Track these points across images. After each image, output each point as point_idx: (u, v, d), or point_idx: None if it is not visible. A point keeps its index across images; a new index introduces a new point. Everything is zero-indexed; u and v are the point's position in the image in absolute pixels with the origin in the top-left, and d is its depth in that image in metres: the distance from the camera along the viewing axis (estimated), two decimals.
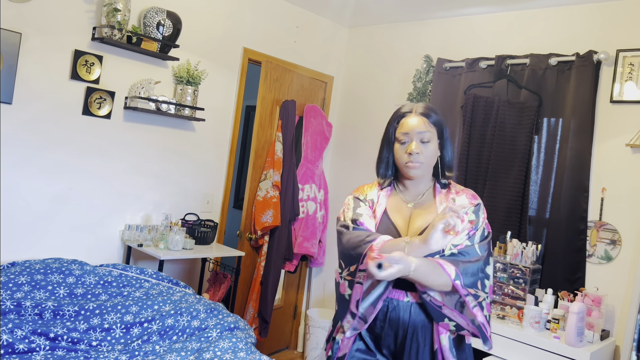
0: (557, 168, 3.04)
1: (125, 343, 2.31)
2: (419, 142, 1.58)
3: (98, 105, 2.90)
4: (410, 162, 1.58)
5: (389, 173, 1.69)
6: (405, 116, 1.61)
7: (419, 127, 1.58)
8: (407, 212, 1.64)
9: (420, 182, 1.66)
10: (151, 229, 3.13)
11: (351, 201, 1.69)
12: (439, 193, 1.65)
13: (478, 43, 3.51)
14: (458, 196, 1.62)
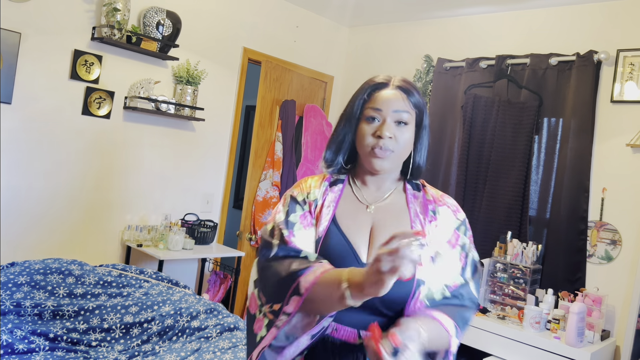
0: (557, 168, 3.04)
1: (125, 343, 2.31)
2: (393, 123, 1.13)
3: (98, 105, 2.89)
4: (379, 147, 1.12)
5: (339, 159, 1.22)
6: (379, 88, 1.16)
7: (397, 103, 1.14)
8: (366, 220, 1.16)
9: (386, 179, 1.20)
10: (151, 229, 3.12)
11: (287, 202, 1.19)
12: (411, 197, 1.21)
13: (478, 43, 3.51)
14: (440, 207, 1.20)
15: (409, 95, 1.16)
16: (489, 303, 2.97)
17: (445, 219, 1.20)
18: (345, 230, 1.14)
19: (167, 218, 3.19)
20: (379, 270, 0.84)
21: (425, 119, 1.20)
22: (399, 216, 1.18)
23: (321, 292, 0.99)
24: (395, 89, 1.16)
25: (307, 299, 1.00)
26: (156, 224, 3.22)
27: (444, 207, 1.21)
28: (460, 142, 3.37)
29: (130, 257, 3.10)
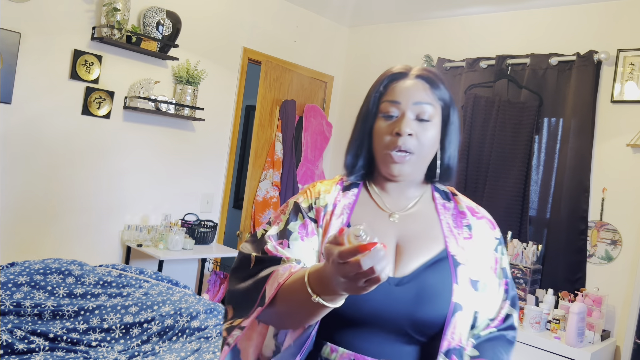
0: (557, 168, 3.04)
1: (125, 343, 2.30)
2: (413, 119, 0.95)
3: (97, 105, 2.89)
4: (397, 148, 0.94)
5: (359, 164, 1.03)
6: (397, 78, 0.98)
7: (418, 94, 0.96)
8: (389, 231, 0.97)
9: (410, 184, 1.02)
10: (150, 229, 3.12)
11: (289, 209, 1.02)
12: (441, 207, 1.03)
13: (478, 43, 3.50)
14: (477, 220, 1.02)
15: (432, 85, 0.98)
16: None
17: (483, 236, 1.01)
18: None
19: (167, 218, 3.18)
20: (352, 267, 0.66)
21: (454, 114, 1.02)
22: (429, 229, 0.98)
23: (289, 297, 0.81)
24: (416, 79, 0.98)
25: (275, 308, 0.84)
26: (156, 224, 3.21)
27: (482, 220, 1.03)
28: (461, 141, 3.37)
29: (130, 257, 3.09)
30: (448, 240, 0.97)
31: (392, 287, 0.90)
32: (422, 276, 0.92)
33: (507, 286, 1.01)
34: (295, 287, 0.80)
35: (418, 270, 0.92)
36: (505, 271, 1.02)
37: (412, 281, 0.91)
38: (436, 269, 0.93)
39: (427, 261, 0.94)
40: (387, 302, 0.88)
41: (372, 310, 0.88)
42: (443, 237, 0.98)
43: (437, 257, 0.95)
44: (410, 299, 0.89)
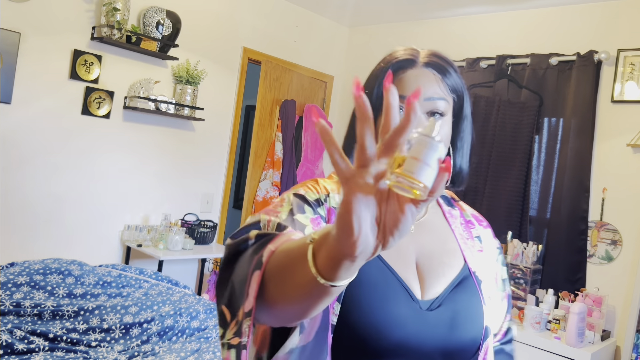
0: (557, 168, 3.03)
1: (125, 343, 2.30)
2: (424, 116, 0.84)
3: (97, 105, 2.89)
4: None
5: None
6: (404, 67, 0.85)
7: (430, 88, 0.84)
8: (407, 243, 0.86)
9: None
10: (150, 229, 3.12)
11: (289, 201, 0.82)
12: (449, 214, 0.95)
13: (478, 43, 3.50)
14: (483, 229, 0.96)
15: (444, 75, 0.85)
16: None
17: (490, 248, 0.94)
18: (386, 257, 0.81)
19: (166, 218, 3.18)
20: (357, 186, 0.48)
21: (467, 106, 0.92)
22: (445, 241, 0.89)
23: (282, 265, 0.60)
24: (425, 68, 0.85)
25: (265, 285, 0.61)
26: (156, 224, 3.21)
27: (488, 230, 0.96)
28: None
29: (129, 257, 3.09)
30: (466, 254, 0.89)
31: (424, 312, 0.78)
32: (453, 298, 0.81)
33: (508, 299, 0.97)
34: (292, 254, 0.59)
35: (447, 292, 0.82)
36: (505, 283, 0.97)
37: (443, 305, 0.80)
38: (464, 289, 0.84)
39: (453, 281, 0.84)
40: (421, 329, 0.76)
41: (403, 338, 0.75)
42: (460, 250, 0.89)
43: (460, 274, 0.85)
44: (444, 324, 0.79)
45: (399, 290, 0.78)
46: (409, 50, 0.88)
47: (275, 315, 0.63)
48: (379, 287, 0.77)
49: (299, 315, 0.61)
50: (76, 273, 2.54)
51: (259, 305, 0.63)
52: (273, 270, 0.61)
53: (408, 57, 0.86)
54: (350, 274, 0.53)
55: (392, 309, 0.75)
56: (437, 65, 0.86)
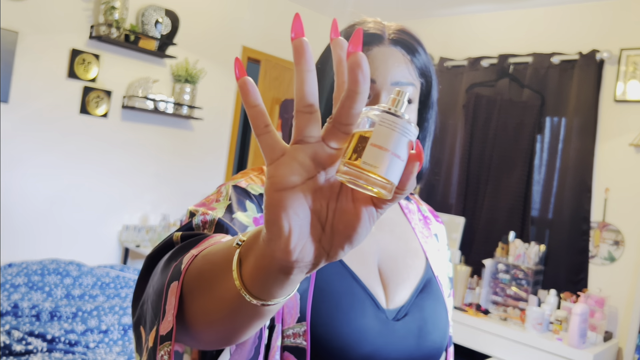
0: (560, 168, 3.02)
1: (123, 345, 2.28)
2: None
3: (95, 104, 2.87)
4: None
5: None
6: (370, 43, 0.74)
7: (399, 71, 0.73)
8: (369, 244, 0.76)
9: None
10: (149, 229, 3.10)
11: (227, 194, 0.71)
12: (407, 210, 0.86)
13: (480, 42, 3.48)
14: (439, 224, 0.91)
15: (413, 56, 0.74)
16: (490, 304, 2.95)
17: (444, 243, 0.88)
18: (348, 261, 0.73)
19: (165, 218, 3.16)
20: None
21: (434, 91, 0.79)
22: (405, 238, 0.82)
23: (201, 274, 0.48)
24: (393, 47, 0.74)
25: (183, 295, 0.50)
26: (154, 225, 3.19)
27: (442, 226, 0.90)
28: (462, 141, 3.35)
29: (128, 257, 3.07)
30: (428, 255, 0.82)
31: (391, 323, 0.72)
32: (419, 305, 0.76)
33: (453, 297, 0.88)
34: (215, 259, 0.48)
35: (412, 299, 0.76)
36: (451, 281, 0.88)
37: (410, 312, 0.74)
38: (429, 294, 0.78)
39: (417, 285, 0.77)
40: (388, 341, 0.70)
41: (370, 352, 0.69)
42: (422, 250, 0.82)
43: (424, 277, 0.79)
44: (412, 334, 0.73)
45: (365, 300, 0.70)
46: (376, 24, 0.76)
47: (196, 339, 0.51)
48: (343, 298, 0.68)
49: (225, 338, 0.49)
50: (74, 274, 2.52)
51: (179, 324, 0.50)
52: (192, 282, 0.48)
53: (375, 31, 0.75)
54: (285, 290, 0.42)
55: (359, 322, 0.68)
56: (406, 44, 0.74)
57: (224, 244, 0.47)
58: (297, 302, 0.65)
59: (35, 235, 2.75)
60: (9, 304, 2.24)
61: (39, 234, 2.76)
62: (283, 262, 0.38)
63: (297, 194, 0.37)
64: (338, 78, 0.39)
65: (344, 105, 0.36)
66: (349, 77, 0.36)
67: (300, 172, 0.37)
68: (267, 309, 0.43)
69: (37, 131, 2.70)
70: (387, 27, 0.76)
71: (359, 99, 0.36)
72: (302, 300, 0.65)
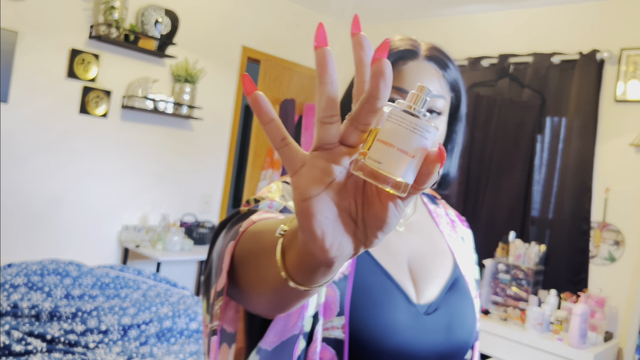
0: (560, 168, 3.01)
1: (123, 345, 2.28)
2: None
3: (95, 104, 2.87)
4: None
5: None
6: (405, 58, 0.81)
7: (431, 84, 0.80)
8: (399, 245, 0.82)
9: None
10: (149, 229, 3.09)
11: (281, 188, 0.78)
12: (435, 213, 0.91)
13: (480, 41, 3.48)
14: (466, 229, 0.96)
15: (445, 71, 0.82)
16: (491, 304, 2.94)
17: (471, 248, 0.93)
18: (381, 260, 0.78)
19: (165, 219, 3.16)
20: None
21: (463, 105, 0.86)
22: (434, 242, 0.86)
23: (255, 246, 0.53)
24: (427, 62, 0.81)
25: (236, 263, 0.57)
26: (154, 225, 3.19)
27: (469, 230, 0.94)
28: (462, 141, 3.35)
29: (127, 258, 3.07)
30: (456, 255, 0.87)
31: (422, 317, 0.77)
32: (448, 302, 0.81)
33: (480, 297, 0.94)
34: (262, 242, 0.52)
35: (442, 295, 0.81)
36: (478, 283, 0.94)
37: (440, 308, 0.79)
38: (457, 292, 0.83)
39: (446, 283, 0.82)
40: (419, 334, 0.75)
41: (400, 344, 0.73)
42: (450, 251, 0.87)
43: (453, 276, 0.84)
44: (442, 328, 0.78)
45: (397, 295, 0.76)
46: (410, 40, 0.83)
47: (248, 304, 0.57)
48: (375, 293, 0.74)
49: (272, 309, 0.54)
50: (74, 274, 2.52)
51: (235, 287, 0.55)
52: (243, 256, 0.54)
53: (409, 47, 0.81)
54: (327, 277, 0.46)
55: (391, 315, 0.73)
56: (438, 60, 0.82)
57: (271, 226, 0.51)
58: (337, 298, 0.71)
59: (34, 235, 2.74)
60: (9, 304, 2.24)
61: (39, 234, 2.76)
62: (323, 260, 0.41)
63: (323, 199, 0.39)
64: (358, 77, 0.42)
65: (363, 108, 0.38)
66: (371, 83, 0.38)
67: (322, 179, 0.39)
68: (310, 292, 0.47)
69: (37, 131, 2.69)
70: (421, 44, 0.84)
71: (378, 104, 0.38)
72: (341, 297, 0.71)
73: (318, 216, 0.39)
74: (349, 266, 0.74)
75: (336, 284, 0.72)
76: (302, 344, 0.68)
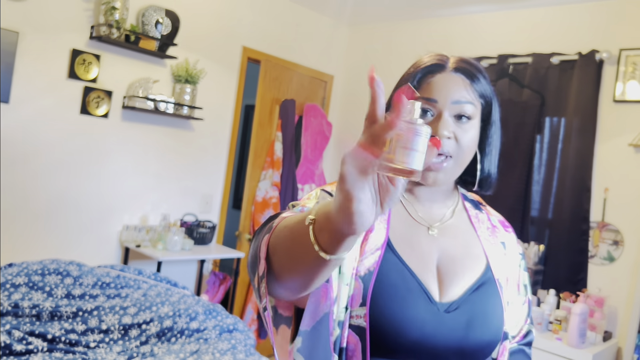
0: (559, 168, 3.02)
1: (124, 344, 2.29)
2: (452, 118, 0.87)
3: (96, 104, 2.87)
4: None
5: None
6: (433, 71, 0.88)
7: (458, 92, 0.87)
8: (429, 246, 0.89)
9: (440, 191, 0.94)
10: (149, 229, 3.10)
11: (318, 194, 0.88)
12: (475, 218, 0.96)
13: (480, 42, 3.49)
14: (507, 234, 0.98)
15: (473, 80, 0.89)
16: None
17: (513, 253, 0.95)
18: (408, 260, 0.84)
19: (165, 218, 3.17)
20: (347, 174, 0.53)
21: (495, 112, 0.96)
22: (469, 245, 0.91)
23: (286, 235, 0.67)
24: (455, 73, 0.88)
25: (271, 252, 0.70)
26: (155, 225, 3.20)
27: (512, 235, 0.98)
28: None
29: (128, 257, 3.08)
30: (490, 259, 0.90)
31: (442, 314, 0.82)
32: (471, 301, 0.84)
33: (529, 303, 0.99)
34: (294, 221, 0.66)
35: (466, 295, 0.85)
36: (527, 288, 0.99)
37: (461, 307, 0.83)
38: (484, 293, 0.86)
39: (472, 284, 0.86)
40: (437, 330, 0.80)
41: (420, 338, 0.79)
42: (485, 255, 0.91)
43: (481, 279, 0.87)
44: (461, 326, 0.82)
45: (418, 293, 0.82)
46: (438, 55, 0.91)
47: (283, 287, 0.70)
48: (398, 289, 0.81)
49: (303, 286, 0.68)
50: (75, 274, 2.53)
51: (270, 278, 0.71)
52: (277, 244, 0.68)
53: (437, 62, 0.89)
54: (351, 246, 0.61)
55: (410, 311, 0.79)
56: (466, 71, 0.89)
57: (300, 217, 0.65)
58: (361, 290, 0.80)
59: (35, 235, 2.75)
60: (10, 304, 2.24)
61: (40, 234, 2.77)
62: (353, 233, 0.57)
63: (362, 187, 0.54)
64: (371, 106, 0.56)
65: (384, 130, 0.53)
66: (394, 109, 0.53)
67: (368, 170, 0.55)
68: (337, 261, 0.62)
69: (38, 131, 2.70)
70: (450, 58, 0.91)
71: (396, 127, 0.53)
72: (364, 289, 0.80)
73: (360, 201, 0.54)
74: (375, 263, 0.82)
75: (362, 279, 0.81)
76: (337, 331, 0.79)
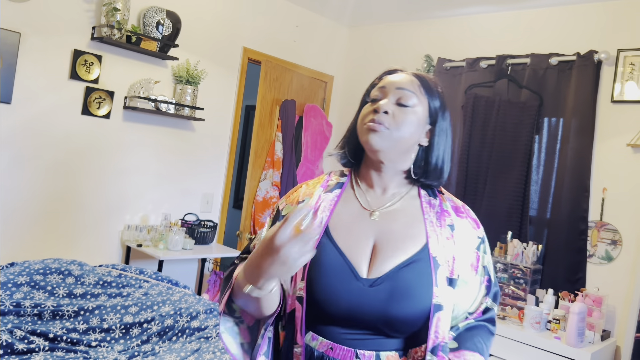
0: (557, 168, 3.03)
1: (125, 343, 2.30)
2: (394, 101, 1.00)
3: (97, 105, 2.89)
4: (372, 120, 0.99)
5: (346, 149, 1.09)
6: (392, 72, 1.07)
7: (402, 82, 1.02)
8: (368, 229, 1.01)
9: (392, 178, 1.05)
10: (150, 229, 3.12)
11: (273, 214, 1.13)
12: (426, 204, 1.05)
13: (479, 43, 3.50)
14: (460, 219, 1.05)
15: (423, 85, 1.03)
16: None
17: (465, 236, 1.03)
18: (341, 243, 0.99)
19: (166, 218, 3.18)
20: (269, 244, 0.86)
21: (443, 121, 1.04)
22: (410, 227, 1.01)
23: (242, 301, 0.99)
24: (409, 75, 1.05)
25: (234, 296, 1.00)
26: (156, 224, 3.21)
27: (465, 220, 1.05)
28: (461, 142, 3.37)
29: (130, 257, 3.09)
30: (430, 239, 1.00)
31: (365, 288, 0.96)
32: (396, 276, 0.96)
33: (489, 283, 1.05)
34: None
35: (393, 271, 0.96)
36: (486, 269, 1.05)
37: (385, 282, 0.96)
38: (413, 269, 0.97)
39: (403, 261, 0.97)
40: (360, 301, 0.95)
41: (346, 309, 0.95)
42: (426, 235, 1.00)
43: (415, 256, 0.98)
44: (382, 299, 0.94)
45: (345, 270, 0.96)
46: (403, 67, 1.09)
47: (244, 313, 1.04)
48: (328, 268, 0.97)
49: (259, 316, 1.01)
50: (76, 273, 2.54)
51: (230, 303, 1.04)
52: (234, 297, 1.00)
53: (399, 68, 1.08)
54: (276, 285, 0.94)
55: (337, 285, 0.95)
56: (420, 77, 1.05)
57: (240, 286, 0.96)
58: (301, 268, 0.97)
59: (37, 234, 2.77)
60: (11, 303, 2.26)
61: (41, 234, 2.78)
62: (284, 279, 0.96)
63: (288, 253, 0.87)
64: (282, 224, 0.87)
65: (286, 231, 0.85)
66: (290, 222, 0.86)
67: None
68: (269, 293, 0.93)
69: (39, 132, 2.72)
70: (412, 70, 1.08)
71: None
72: (304, 267, 0.98)
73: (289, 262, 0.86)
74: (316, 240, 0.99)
75: None
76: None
